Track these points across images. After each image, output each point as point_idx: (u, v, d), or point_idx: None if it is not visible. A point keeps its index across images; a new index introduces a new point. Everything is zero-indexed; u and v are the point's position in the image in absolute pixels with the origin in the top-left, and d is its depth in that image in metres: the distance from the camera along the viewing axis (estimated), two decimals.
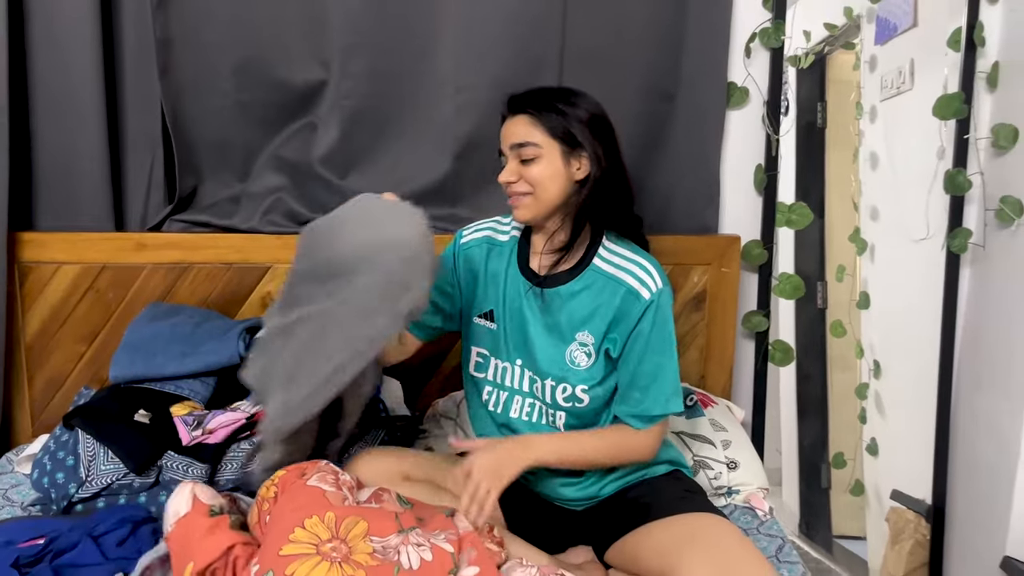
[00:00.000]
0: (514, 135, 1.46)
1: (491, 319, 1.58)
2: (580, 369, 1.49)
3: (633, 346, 1.48)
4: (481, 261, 1.62)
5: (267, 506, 1.35)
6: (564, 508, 1.61)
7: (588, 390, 1.49)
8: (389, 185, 2.04)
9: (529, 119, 1.45)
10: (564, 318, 1.51)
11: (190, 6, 1.96)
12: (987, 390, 2.09)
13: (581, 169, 1.47)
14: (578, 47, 2.03)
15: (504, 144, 1.49)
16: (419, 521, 1.33)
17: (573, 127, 1.44)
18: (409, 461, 1.57)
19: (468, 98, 2.03)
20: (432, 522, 1.33)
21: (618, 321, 1.48)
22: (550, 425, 1.55)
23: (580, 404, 1.51)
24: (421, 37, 2.02)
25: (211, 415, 1.75)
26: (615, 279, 1.49)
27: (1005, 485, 2.00)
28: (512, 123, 1.47)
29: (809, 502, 2.58)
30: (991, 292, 2.10)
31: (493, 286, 1.59)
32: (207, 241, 2.03)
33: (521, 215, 1.50)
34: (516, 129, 1.46)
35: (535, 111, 1.45)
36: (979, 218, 2.12)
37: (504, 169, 1.49)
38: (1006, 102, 2.05)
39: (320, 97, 2.04)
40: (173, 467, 1.70)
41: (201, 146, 2.05)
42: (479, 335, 1.59)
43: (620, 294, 1.48)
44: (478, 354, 1.59)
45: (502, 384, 1.57)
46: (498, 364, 1.57)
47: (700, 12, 2.04)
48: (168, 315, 1.92)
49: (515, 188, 1.48)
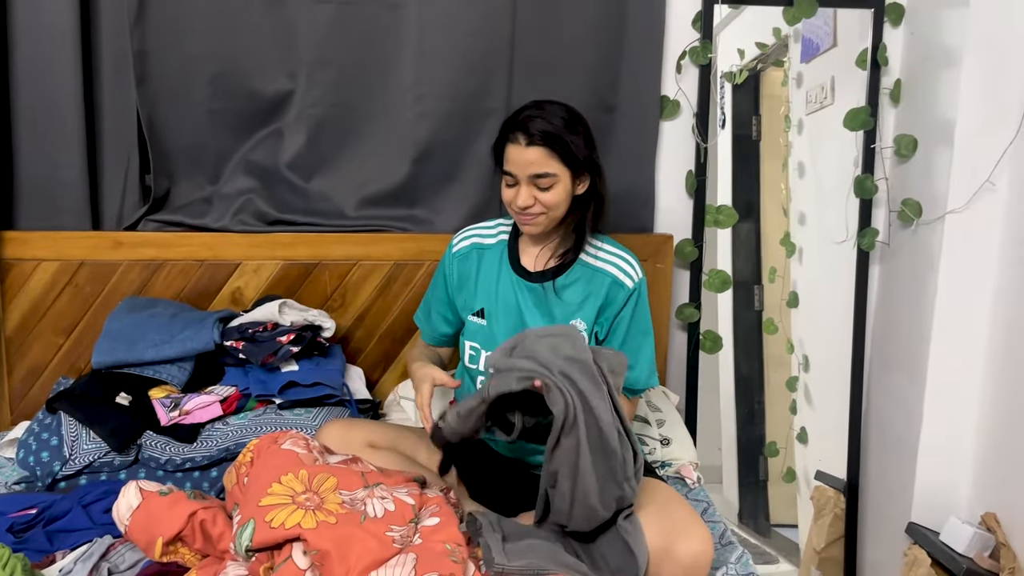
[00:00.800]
0: (532, 165, 1.61)
1: (482, 316, 1.75)
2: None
3: (616, 329, 1.71)
4: (473, 266, 1.79)
5: (244, 469, 1.50)
6: (532, 474, 1.77)
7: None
8: (352, 187, 2.23)
9: (545, 151, 1.60)
10: (559, 308, 1.71)
11: (166, 21, 2.09)
12: (895, 372, 2.32)
13: (582, 185, 1.68)
14: (526, 62, 2.20)
15: (520, 171, 1.62)
16: (383, 475, 1.49)
17: (581, 156, 1.63)
18: (374, 429, 1.73)
19: (426, 107, 2.19)
20: (395, 479, 1.50)
21: (605, 308, 1.70)
22: None
23: None
24: (382, 50, 2.17)
25: (188, 397, 1.88)
26: (601, 271, 1.71)
27: (909, 457, 2.22)
28: (527, 152, 1.60)
29: (748, 494, 2.75)
30: (896, 285, 2.32)
31: (485, 286, 1.76)
32: (180, 239, 2.16)
33: (533, 231, 1.69)
34: (533, 159, 1.60)
35: (550, 145, 1.60)
36: (885, 219, 2.35)
37: (519, 194, 1.63)
38: (907, 115, 2.28)
39: (288, 106, 2.18)
40: (152, 445, 1.83)
41: (175, 151, 2.18)
42: (472, 331, 1.76)
43: (607, 284, 1.70)
44: (471, 347, 1.76)
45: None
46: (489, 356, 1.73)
47: (636, 31, 2.22)
48: (145, 307, 2.05)
49: (531, 211, 1.65)
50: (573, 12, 2.19)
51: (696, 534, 1.44)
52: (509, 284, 1.74)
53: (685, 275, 2.37)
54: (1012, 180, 2.05)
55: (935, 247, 2.13)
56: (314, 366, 2.01)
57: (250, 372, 1.97)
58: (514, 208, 1.66)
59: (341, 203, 2.23)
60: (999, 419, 2.09)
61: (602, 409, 1.42)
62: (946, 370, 2.15)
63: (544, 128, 1.60)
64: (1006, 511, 2.06)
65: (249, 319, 2.02)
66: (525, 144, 1.61)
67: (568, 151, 1.62)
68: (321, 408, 1.95)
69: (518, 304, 1.73)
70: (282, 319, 2.02)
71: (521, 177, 1.63)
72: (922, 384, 2.17)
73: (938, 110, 2.13)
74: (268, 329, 1.99)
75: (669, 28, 2.27)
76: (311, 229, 2.22)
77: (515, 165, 1.63)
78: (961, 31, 2.04)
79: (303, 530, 1.29)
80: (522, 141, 1.61)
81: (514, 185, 1.65)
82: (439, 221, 2.27)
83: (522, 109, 1.65)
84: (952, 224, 2.09)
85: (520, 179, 1.63)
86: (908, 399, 2.24)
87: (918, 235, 2.21)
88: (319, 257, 2.20)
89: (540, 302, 1.72)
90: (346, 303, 2.23)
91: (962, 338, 2.14)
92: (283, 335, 1.97)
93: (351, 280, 2.22)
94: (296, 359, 2.01)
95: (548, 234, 1.73)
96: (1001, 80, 2.03)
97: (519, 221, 1.69)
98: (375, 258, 2.22)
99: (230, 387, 1.93)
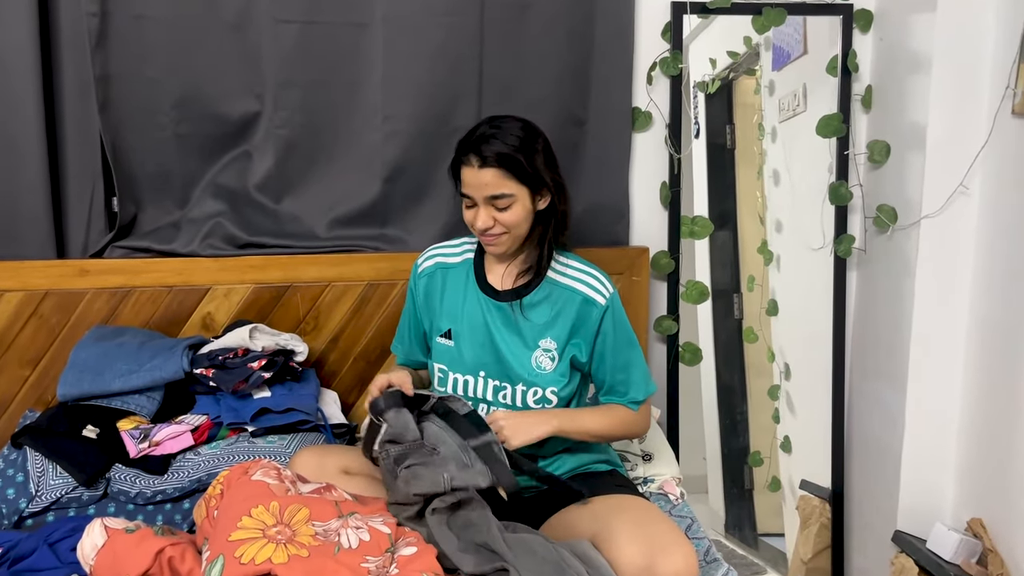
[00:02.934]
0: (488, 187, 1.59)
1: (448, 337, 1.73)
2: (546, 373, 1.67)
3: (603, 348, 1.68)
4: (438, 286, 1.77)
5: (214, 502, 1.46)
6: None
7: (558, 392, 1.67)
8: (322, 208, 2.21)
9: (500, 172, 1.58)
10: (527, 327, 1.68)
11: (128, 45, 2.06)
12: (876, 379, 2.31)
13: (543, 200, 1.66)
14: (495, 80, 2.19)
15: (476, 193, 1.60)
16: (359, 503, 1.46)
17: (538, 171, 1.61)
18: (349, 455, 1.70)
19: (395, 127, 2.17)
20: (370, 507, 1.47)
21: (578, 328, 1.67)
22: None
23: (549, 405, 1.68)
24: (350, 72, 2.15)
25: (157, 428, 1.85)
26: (570, 288, 1.68)
27: (893, 463, 2.21)
28: (481, 174, 1.58)
29: (734, 504, 2.74)
30: (874, 290, 2.33)
31: (450, 306, 1.74)
32: (148, 266, 2.13)
33: (497, 251, 1.67)
34: (488, 181, 1.58)
35: (504, 166, 1.58)
36: (861, 225, 2.35)
37: (477, 215, 1.61)
38: (879, 121, 2.29)
39: (255, 128, 2.16)
40: (121, 479, 1.79)
41: (141, 176, 2.15)
42: (439, 353, 1.74)
43: (577, 302, 1.67)
44: (439, 370, 1.74)
45: (464, 396, 1.71)
46: (457, 378, 1.72)
47: (605, 44, 2.21)
48: (113, 336, 2.01)
49: (492, 231, 1.62)
50: (540, 28, 2.18)
51: (679, 551, 1.41)
52: (476, 303, 1.72)
53: (662, 287, 2.36)
54: (984, 184, 2.05)
55: (911, 252, 2.13)
56: (287, 391, 1.98)
57: (221, 400, 1.94)
58: (475, 229, 1.65)
59: (312, 224, 2.21)
60: (981, 423, 2.09)
61: None
62: (927, 375, 2.15)
63: (498, 150, 1.58)
64: (992, 516, 2.06)
65: (219, 346, 1.99)
66: (479, 166, 1.59)
67: (523, 170, 1.59)
68: (295, 434, 1.92)
69: (486, 323, 1.70)
70: (253, 344, 1.99)
71: (478, 198, 1.61)
72: (903, 390, 2.17)
73: (909, 115, 2.14)
74: (239, 355, 1.96)
75: (639, 39, 2.26)
76: (282, 251, 2.19)
77: (471, 187, 1.61)
78: (929, 36, 2.05)
79: (274, 565, 1.26)
80: (475, 163, 1.59)
81: (473, 207, 1.63)
82: (412, 240, 2.25)
83: (476, 127, 1.63)
84: (927, 229, 2.10)
85: (478, 200, 1.62)
86: (890, 406, 2.23)
87: (894, 241, 2.21)
88: (291, 279, 2.17)
89: (508, 321, 1.70)
90: (319, 325, 2.20)
91: (941, 343, 2.14)
92: (254, 361, 1.94)
93: (324, 302, 2.19)
94: (268, 385, 1.98)
95: (514, 252, 1.71)
96: (970, 84, 2.04)
97: (483, 242, 1.67)
98: (347, 279, 2.19)
99: (201, 416, 1.90)
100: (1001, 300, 2.02)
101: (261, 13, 2.09)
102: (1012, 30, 1.95)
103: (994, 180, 2.03)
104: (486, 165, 1.58)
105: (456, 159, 1.64)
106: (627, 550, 1.41)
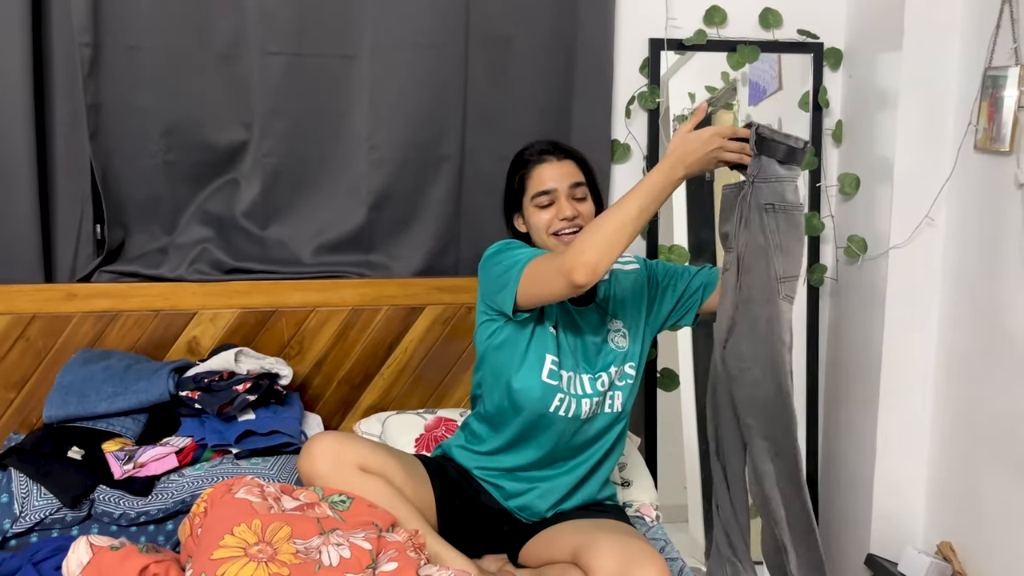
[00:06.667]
0: (571, 176, 1.74)
1: (556, 328, 1.78)
2: (622, 350, 1.77)
3: (668, 280, 1.83)
4: None
5: (198, 520, 1.49)
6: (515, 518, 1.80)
7: (635, 365, 1.79)
8: (308, 235, 2.25)
9: (577, 165, 1.76)
10: (596, 316, 1.78)
11: (120, 73, 2.10)
12: (848, 405, 2.37)
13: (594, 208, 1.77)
14: (479, 111, 2.26)
15: (560, 183, 1.73)
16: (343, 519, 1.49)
17: (595, 179, 1.79)
18: (368, 450, 1.68)
19: (381, 155, 2.23)
20: (352, 523, 1.49)
21: (640, 294, 1.81)
22: (611, 410, 1.77)
23: (630, 381, 1.78)
24: (336, 101, 2.21)
25: (142, 450, 1.86)
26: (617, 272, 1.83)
27: (865, 489, 2.26)
28: (563, 165, 1.74)
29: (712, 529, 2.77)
30: (846, 319, 2.39)
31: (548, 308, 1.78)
32: (135, 290, 2.16)
33: None
34: (570, 170, 1.75)
35: (579, 161, 1.77)
36: (833, 255, 2.42)
37: (561, 207, 1.71)
38: (849, 154, 2.37)
39: (243, 156, 2.20)
40: (105, 500, 1.81)
41: (130, 203, 2.18)
42: (543, 342, 1.75)
43: (623, 282, 1.81)
44: (552, 362, 1.73)
45: (573, 393, 1.74)
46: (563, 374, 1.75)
47: (585, 78, 2.28)
48: (99, 359, 2.04)
49: (576, 222, 1.72)
50: (523, 61, 2.26)
51: (653, 565, 1.48)
52: (554, 309, 1.76)
53: None
54: (949, 216, 2.13)
55: (880, 282, 2.20)
56: (271, 414, 2.00)
57: (206, 422, 1.96)
58: (561, 218, 1.72)
59: (298, 250, 2.25)
60: (950, 449, 2.15)
61: None
62: (897, 402, 2.21)
63: (572, 149, 1.79)
64: (961, 540, 2.11)
65: (205, 368, 2.02)
66: (559, 159, 1.75)
67: (590, 171, 1.78)
68: (279, 457, 1.95)
69: (575, 322, 1.77)
70: (238, 368, 2.02)
71: (561, 189, 1.73)
72: (874, 417, 2.22)
73: (878, 149, 2.22)
74: (224, 378, 1.99)
75: (618, 74, 2.34)
76: (268, 277, 2.23)
77: (554, 179, 1.73)
78: (896, 74, 2.14)
79: None
80: (555, 157, 1.75)
81: (549, 205, 1.73)
82: (396, 266, 2.29)
83: (533, 143, 1.81)
84: (896, 259, 2.17)
85: (560, 192, 1.72)
86: (862, 432, 2.29)
87: (864, 270, 2.28)
88: (276, 305, 2.21)
89: (585, 318, 1.78)
90: (303, 350, 2.23)
91: (910, 370, 2.20)
92: (239, 384, 1.97)
93: (308, 327, 2.23)
94: (253, 408, 2.00)
95: None
96: (935, 120, 2.12)
97: (559, 242, 1.72)
98: (332, 304, 2.23)
99: (186, 438, 1.92)
100: (968, 327, 2.08)
101: (250, 45, 2.14)
102: (974, 68, 2.03)
103: (958, 212, 2.11)
104: (567, 157, 1.76)
105: (521, 167, 1.76)
106: (605, 556, 1.49)
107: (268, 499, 1.50)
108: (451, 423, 2.14)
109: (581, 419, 1.74)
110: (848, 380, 2.37)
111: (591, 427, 1.77)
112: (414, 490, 1.70)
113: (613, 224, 1.53)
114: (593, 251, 1.52)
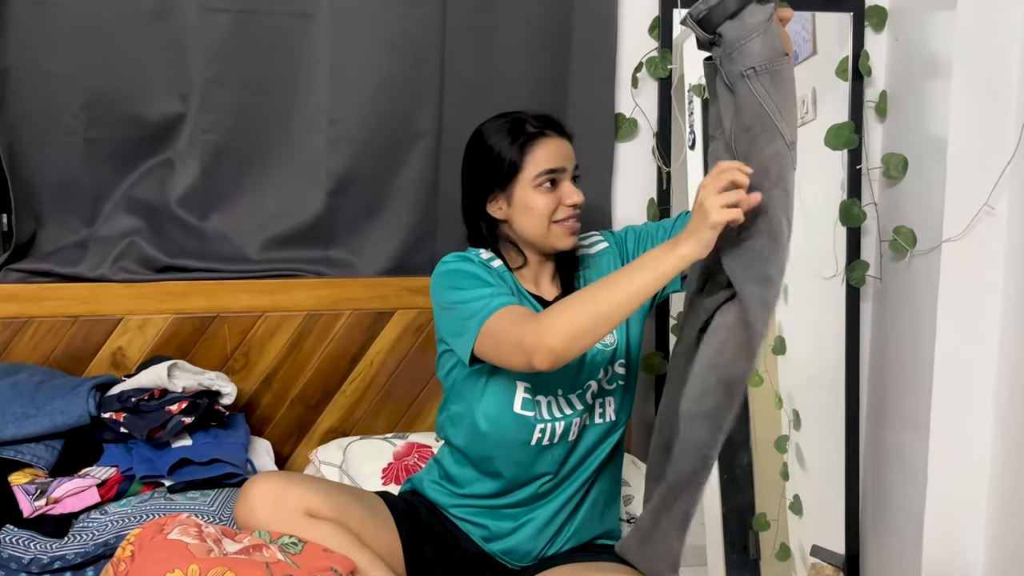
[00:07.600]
0: (573, 157, 1.77)
1: None
2: (608, 347, 1.78)
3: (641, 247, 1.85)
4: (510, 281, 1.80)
5: (124, 566, 1.48)
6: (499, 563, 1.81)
7: (626, 363, 1.81)
8: (256, 226, 2.24)
9: (570, 145, 1.78)
10: None
11: (31, 35, 2.09)
12: (894, 427, 2.37)
13: None
14: (459, 81, 2.25)
15: (568, 163, 1.75)
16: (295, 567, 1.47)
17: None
18: (316, 492, 1.67)
19: (343, 131, 2.22)
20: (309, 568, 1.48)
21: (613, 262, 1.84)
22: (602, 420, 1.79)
23: (621, 382, 1.80)
24: (290, 67, 2.20)
25: (56, 482, 1.85)
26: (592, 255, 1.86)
27: (915, 525, 2.26)
28: (562, 144, 1.76)
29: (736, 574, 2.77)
30: (891, 325, 2.39)
31: None
32: (49, 292, 2.14)
33: (575, 237, 1.77)
34: (571, 152, 1.77)
35: (569, 138, 1.78)
36: (876, 250, 2.42)
37: (570, 190, 1.74)
38: (896, 131, 2.37)
39: (178, 132, 2.19)
40: (13, 542, 1.78)
41: (42, 187, 2.17)
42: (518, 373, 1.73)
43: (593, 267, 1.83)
44: (524, 389, 1.73)
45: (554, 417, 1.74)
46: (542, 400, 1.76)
47: (584, 41, 2.29)
48: (5, 375, 2.02)
49: (580, 207, 1.75)
50: (511, 22, 2.25)
51: None
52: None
53: (650, 321, 2.40)
54: (1012, 203, 2.13)
55: (932, 281, 2.19)
56: (211, 440, 2.00)
57: (134, 449, 1.95)
58: (569, 204, 1.73)
59: (243, 245, 2.24)
60: (1014, 478, 2.15)
61: None
62: (951, 423, 2.20)
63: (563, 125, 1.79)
64: None
65: (132, 385, 2.00)
66: (560, 136, 1.76)
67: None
68: (221, 490, 1.94)
69: None
70: (172, 384, 2.00)
71: (569, 169, 1.75)
72: (925, 440, 2.22)
73: (928, 125, 2.22)
74: (155, 397, 1.98)
75: (622, 36, 2.34)
76: (207, 276, 2.22)
77: (563, 157, 1.74)
78: (948, 36, 2.14)
79: None
80: (560, 134, 1.76)
81: (553, 186, 1.73)
82: (360, 263, 2.29)
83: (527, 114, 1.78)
84: (950, 254, 2.16)
85: (568, 171, 1.75)
86: (911, 458, 2.29)
87: (913, 267, 2.28)
88: (217, 309, 2.20)
89: None
90: (250, 363, 2.22)
91: (968, 385, 2.20)
92: (173, 403, 1.96)
93: (256, 336, 2.22)
94: (189, 432, 1.99)
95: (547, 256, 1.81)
96: (994, 90, 2.12)
97: (563, 230, 1.74)
98: (284, 308, 2.22)
99: (109, 468, 1.91)
100: None
101: (187, 1, 2.13)
102: None
103: (1022, 199, 2.11)
104: (566, 136, 1.78)
105: (526, 137, 1.73)
106: None
107: (207, 540, 1.48)
108: (425, 450, 2.13)
109: (571, 440, 1.75)
110: (895, 397, 2.37)
111: (580, 445, 1.78)
112: (375, 534, 1.70)
113: (602, 306, 1.50)
114: (561, 335, 1.48)
